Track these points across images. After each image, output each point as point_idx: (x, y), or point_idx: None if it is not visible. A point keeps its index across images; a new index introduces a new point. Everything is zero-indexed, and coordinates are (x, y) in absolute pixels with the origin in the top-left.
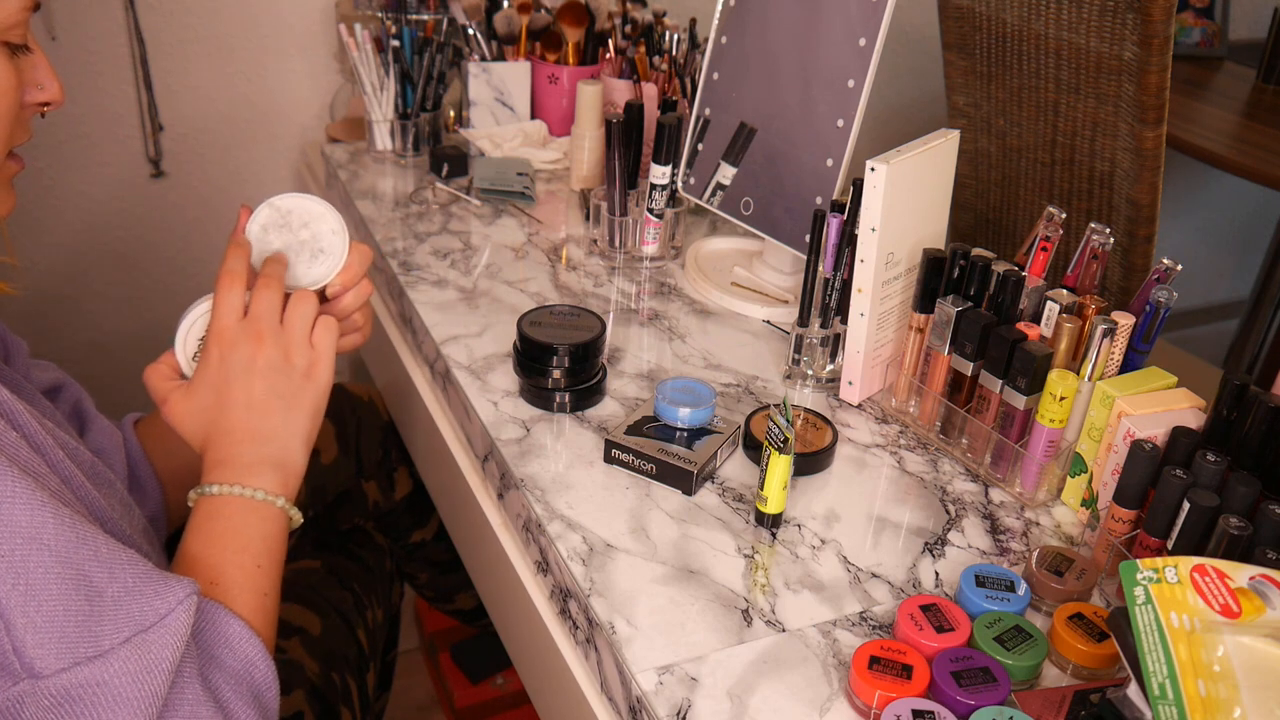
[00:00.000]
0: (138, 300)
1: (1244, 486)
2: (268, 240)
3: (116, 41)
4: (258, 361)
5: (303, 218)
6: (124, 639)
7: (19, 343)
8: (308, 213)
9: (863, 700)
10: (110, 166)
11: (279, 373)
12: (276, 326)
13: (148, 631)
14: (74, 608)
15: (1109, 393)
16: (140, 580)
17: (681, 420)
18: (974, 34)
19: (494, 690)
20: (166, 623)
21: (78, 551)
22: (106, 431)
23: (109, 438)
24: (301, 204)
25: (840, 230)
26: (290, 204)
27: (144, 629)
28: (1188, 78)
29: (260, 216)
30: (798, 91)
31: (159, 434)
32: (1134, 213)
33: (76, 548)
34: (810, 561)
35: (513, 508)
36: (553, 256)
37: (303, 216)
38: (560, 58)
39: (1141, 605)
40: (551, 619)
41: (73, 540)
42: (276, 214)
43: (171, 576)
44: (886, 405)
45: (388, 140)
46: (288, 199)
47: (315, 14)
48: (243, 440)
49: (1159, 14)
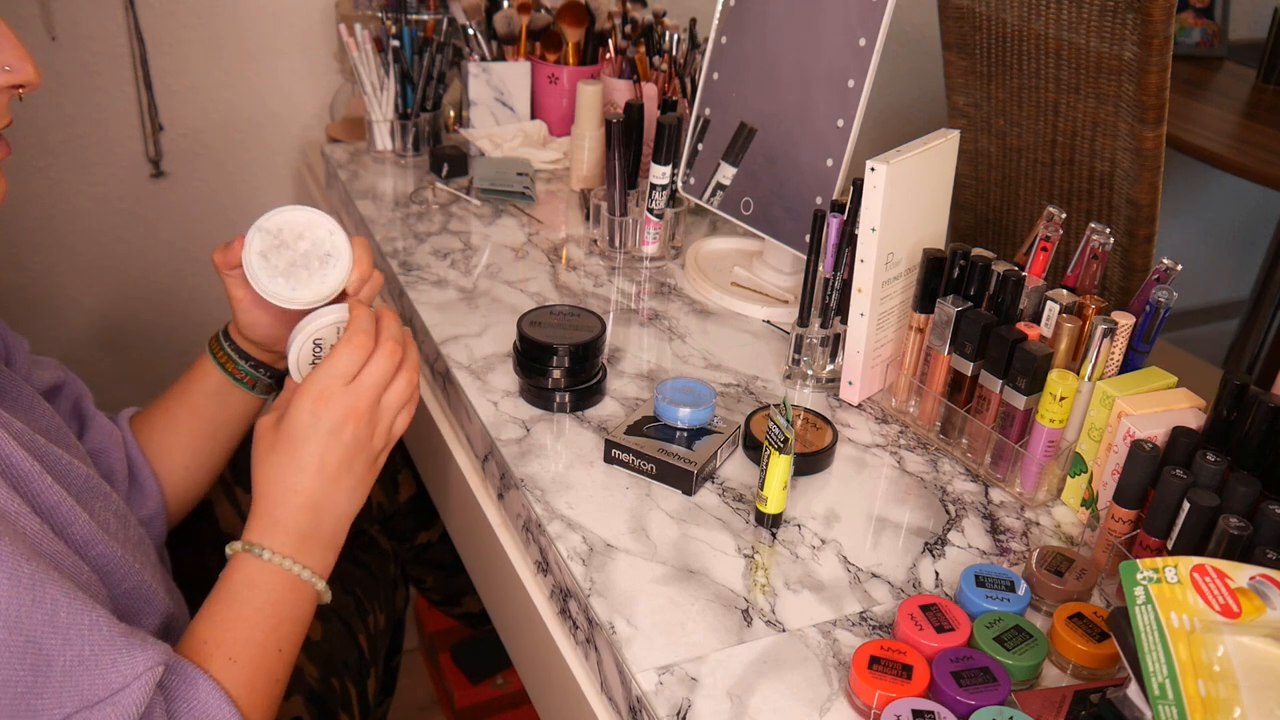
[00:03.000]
0: (137, 300)
1: (1244, 486)
2: (273, 265)
3: (116, 41)
4: (345, 433)
5: (295, 230)
6: (64, 715)
7: (20, 341)
8: (298, 223)
9: (863, 700)
10: (110, 166)
11: (359, 450)
12: (375, 404)
13: (93, 708)
14: (14, 677)
15: (1109, 393)
16: (99, 649)
17: (681, 420)
18: (974, 34)
19: (494, 690)
20: (118, 699)
21: (30, 615)
22: (105, 430)
23: (108, 436)
24: (288, 217)
25: (840, 230)
26: (277, 221)
27: (89, 705)
28: (1188, 78)
29: (255, 245)
30: (798, 91)
31: (155, 429)
32: (1134, 213)
33: (30, 611)
34: (810, 561)
35: (513, 508)
36: (553, 256)
37: (295, 229)
38: (560, 58)
39: (1141, 605)
40: (551, 619)
41: (27, 603)
42: (269, 236)
43: (139, 643)
44: (886, 405)
45: (388, 140)
46: (271, 217)
47: (315, 14)
48: (304, 507)
49: (1159, 14)
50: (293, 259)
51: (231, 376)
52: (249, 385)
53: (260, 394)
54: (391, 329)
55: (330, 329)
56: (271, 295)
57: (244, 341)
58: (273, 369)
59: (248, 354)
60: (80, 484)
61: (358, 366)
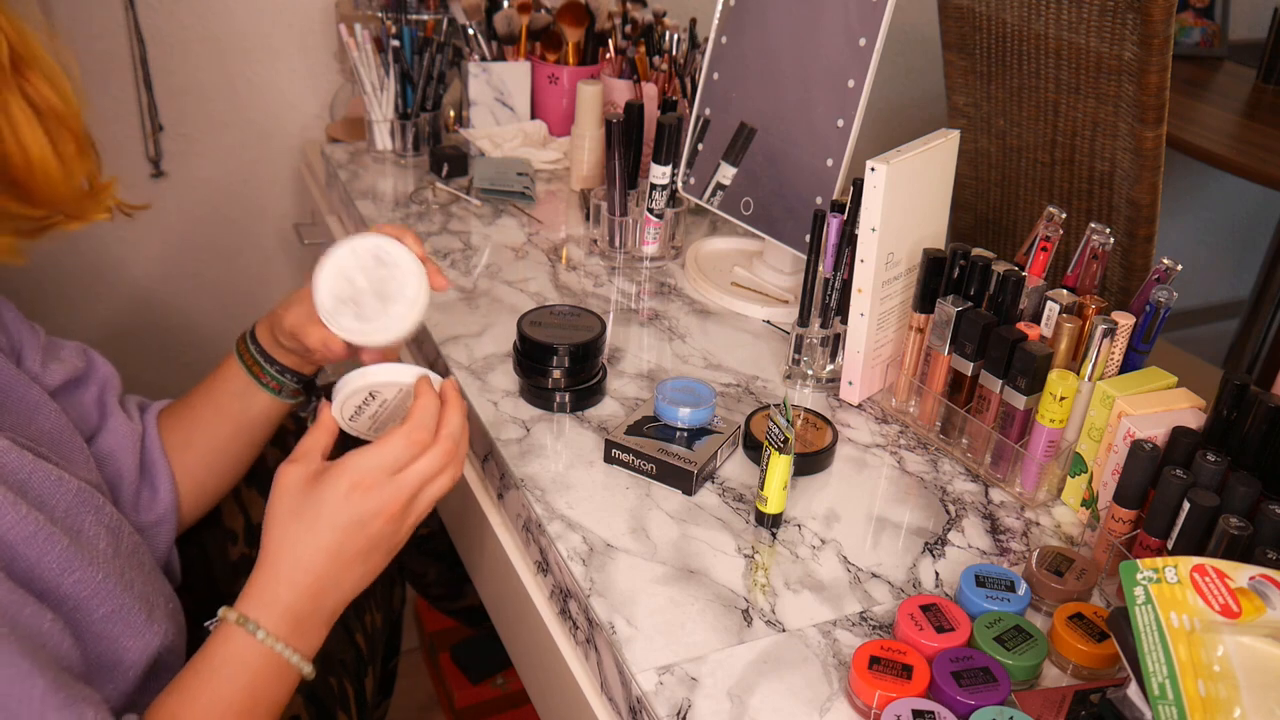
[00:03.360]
0: (137, 300)
1: (1244, 486)
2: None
3: (116, 41)
4: (372, 527)
5: (376, 258)
6: None
7: (34, 333)
8: (380, 253)
9: (863, 700)
10: (110, 166)
11: (382, 542)
12: (412, 499)
13: None
14: None
15: (1109, 393)
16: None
17: (681, 420)
18: (974, 34)
19: (494, 690)
20: None
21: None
22: (121, 430)
23: (123, 436)
24: (371, 244)
25: (840, 230)
26: (360, 246)
27: None
28: (1188, 78)
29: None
30: (798, 91)
31: (182, 425)
32: (1134, 213)
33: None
34: (810, 561)
35: (513, 508)
36: (553, 256)
37: (375, 257)
38: (560, 58)
39: (1141, 605)
40: (551, 619)
41: None
42: (350, 258)
43: (74, 716)
44: (886, 405)
45: (388, 140)
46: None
47: (315, 14)
48: (309, 588)
49: (1159, 14)
50: (366, 289)
51: (257, 380)
52: (274, 390)
53: (286, 398)
54: (452, 425)
55: (393, 389)
56: (343, 330)
57: (272, 345)
58: (299, 374)
59: (274, 358)
60: (69, 499)
61: (408, 462)
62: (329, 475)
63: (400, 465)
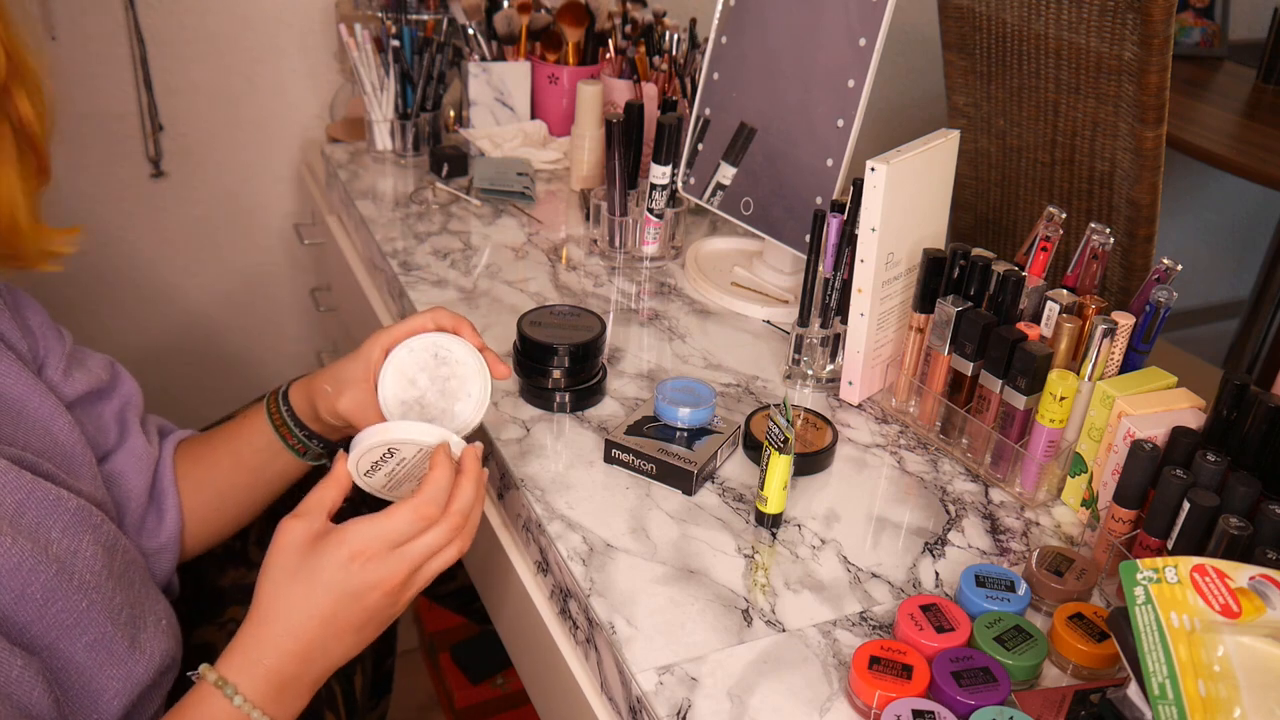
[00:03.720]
0: (137, 300)
1: (1244, 486)
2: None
3: (116, 41)
4: (369, 599)
5: (441, 355)
6: None
7: (60, 339)
8: (446, 352)
9: (863, 700)
10: (110, 166)
11: (377, 614)
12: (413, 573)
13: None
14: None
15: (1109, 393)
16: None
17: (681, 420)
18: (974, 34)
19: (494, 690)
20: None
21: None
22: (137, 452)
23: (138, 459)
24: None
25: (840, 230)
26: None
27: None
28: (1188, 78)
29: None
30: (798, 91)
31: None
32: (1134, 213)
33: None
34: (810, 561)
35: (513, 508)
36: (553, 256)
37: (442, 355)
38: (560, 58)
39: (1141, 605)
40: (551, 619)
41: None
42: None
43: None
44: (886, 405)
45: (388, 140)
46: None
47: (315, 14)
48: (295, 654)
49: (1159, 14)
50: (429, 389)
51: (283, 440)
52: (299, 452)
53: (310, 460)
54: (463, 500)
55: (412, 448)
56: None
57: (310, 416)
58: (326, 440)
59: (305, 424)
60: (67, 519)
61: (412, 536)
62: (330, 540)
63: (404, 539)
